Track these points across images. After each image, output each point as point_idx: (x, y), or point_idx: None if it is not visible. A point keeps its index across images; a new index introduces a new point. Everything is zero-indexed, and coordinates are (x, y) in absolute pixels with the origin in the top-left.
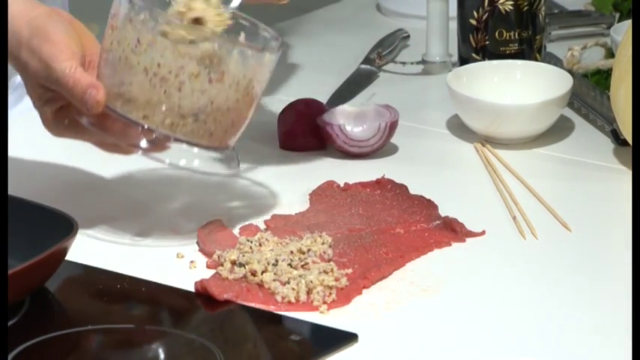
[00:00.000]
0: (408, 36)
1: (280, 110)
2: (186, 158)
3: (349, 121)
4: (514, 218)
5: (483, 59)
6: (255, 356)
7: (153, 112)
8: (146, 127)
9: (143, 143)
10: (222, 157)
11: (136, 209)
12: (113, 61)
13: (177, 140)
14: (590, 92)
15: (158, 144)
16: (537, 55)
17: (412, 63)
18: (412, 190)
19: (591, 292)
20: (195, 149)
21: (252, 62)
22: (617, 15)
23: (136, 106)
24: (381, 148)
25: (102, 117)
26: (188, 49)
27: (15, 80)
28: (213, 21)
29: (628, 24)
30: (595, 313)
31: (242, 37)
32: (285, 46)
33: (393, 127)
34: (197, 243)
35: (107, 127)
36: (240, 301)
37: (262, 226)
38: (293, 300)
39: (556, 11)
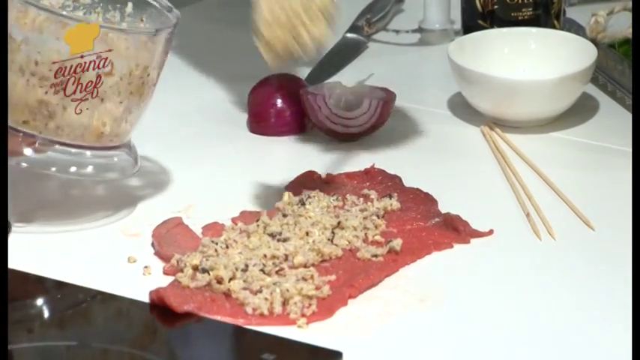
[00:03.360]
0: None
1: (250, 88)
2: (76, 165)
3: (336, 95)
4: (528, 215)
5: (491, 27)
6: None
7: (34, 117)
8: (27, 133)
9: (26, 151)
10: (118, 158)
11: (77, 205)
12: None
13: (63, 145)
14: (617, 66)
15: (40, 150)
16: (555, 22)
17: (407, 31)
18: (407, 182)
19: (618, 302)
20: (88, 152)
21: (144, 46)
22: None
23: (14, 111)
24: (371, 131)
25: None
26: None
27: None
28: None
29: None
30: (622, 326)
31: (129, 7)
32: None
33: (386, 107)
34: (152, 245)
35: None
36: (203, 314)
37: (229, 225)
38: (266, 312)
39: None
